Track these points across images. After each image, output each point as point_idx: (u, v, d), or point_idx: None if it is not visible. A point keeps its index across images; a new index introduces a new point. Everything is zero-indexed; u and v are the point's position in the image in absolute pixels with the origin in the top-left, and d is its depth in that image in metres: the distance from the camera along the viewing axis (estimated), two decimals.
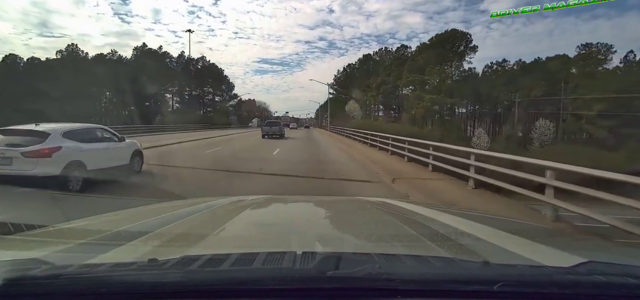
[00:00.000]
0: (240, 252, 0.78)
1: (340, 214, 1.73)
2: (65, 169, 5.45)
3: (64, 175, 5.42)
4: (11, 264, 0.69)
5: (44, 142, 5.41)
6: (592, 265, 0.75)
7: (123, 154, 7.20)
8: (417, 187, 7.15)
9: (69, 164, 5.55)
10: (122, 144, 7.31)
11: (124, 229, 1.16)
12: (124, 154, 7.24)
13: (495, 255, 0.96)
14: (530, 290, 0.64)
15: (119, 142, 7.22)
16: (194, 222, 1.37)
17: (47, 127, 5.92)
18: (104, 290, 0.62)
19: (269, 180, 7.80)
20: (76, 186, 5.58)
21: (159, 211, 1.65)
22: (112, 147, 6.95)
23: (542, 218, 4.60)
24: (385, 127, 23.34)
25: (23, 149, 5.24)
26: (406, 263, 0.76)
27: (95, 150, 6.32)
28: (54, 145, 5.46)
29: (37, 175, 5.12)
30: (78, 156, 5.79)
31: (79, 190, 5.56)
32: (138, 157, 7.77)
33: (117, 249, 0.91)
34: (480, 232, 1.20)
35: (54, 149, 5.41)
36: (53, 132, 5.65)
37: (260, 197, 2.16)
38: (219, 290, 0.63)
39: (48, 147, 5.37)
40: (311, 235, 1.23)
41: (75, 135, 6.02)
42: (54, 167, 5.32)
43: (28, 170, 5.12)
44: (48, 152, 5.34)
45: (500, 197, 5.97)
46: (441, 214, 1.66)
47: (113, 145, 7.03)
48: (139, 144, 8.18)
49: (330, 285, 0.63)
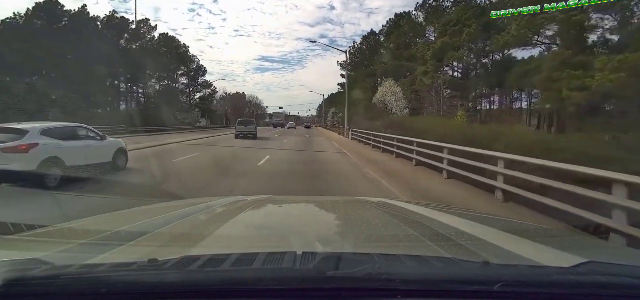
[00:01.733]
0: (240, 252, 0.78)
1: (340, 214, 1.73)
2: (41, 165, 5.66)
3: (41, 171, 5.62)
4: (11, 264, 0.69)
5: (21, 139, 5.69)
6: (592, 265, 0.75)
7: (105, 151, 7.46)
8: None
9: (45, 159, 5.76)
10: (104, 142, 7.59)
11: (124, 229, 1.16)
12: (106, 152, 7.51)
13: (495, 255, 0.96)
14: (530, 290, 0.64)
15: (101, 141, 7.51)
16: (194, 222, 1.37)
17: (28, 125, 6.25)
18: (104, 290, 0.61)
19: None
20: (53, 182, 5.76)
21: (159, 211, 1.65)
22: (92, 145, 7.21)
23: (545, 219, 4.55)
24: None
25: (2, 144, 5.51)
26: (406, 263, 0.76)
27: (74, 148, 6.53)
28: (31, 141, 5.73)
29: (14, 169, 5.35)
30: (55, 152, 6.01)
31: (57, 186, 5.71)
32: (122, 155, 8.02)
33: (117, 249, 0.91)
34: (480, 232, 1.20)
35: (31, 145, 5.68)
36: (31, 130, 5.94)
37: (260, 197, 2.16)
38: (219, 290, 0.63)
39: (25, 144, 5.66)
40: (311, 235, 1.22)
41: (54, 133, 6.28)
42: (30, 163, 5.53)
43: (6, 165, 5.34)
44: (25, 148, 5.62)
45: None
46: (441, 214, 1.65)
47: (94, 143, 7.30)
48: (123, 142, 8.38)
49: (330, 285, 0.63)
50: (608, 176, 3.67)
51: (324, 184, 7.06)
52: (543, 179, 4.56)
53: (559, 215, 4.21)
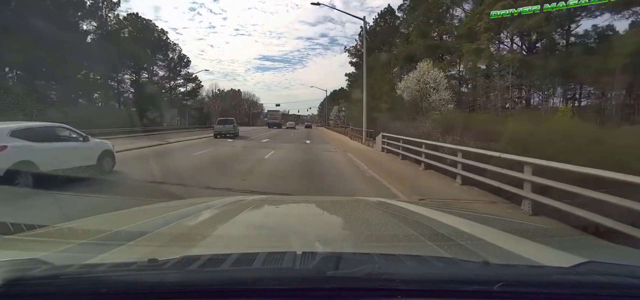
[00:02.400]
0: (240, 252, 0.78)
1: (340, 214, 1.73)
2: (11, 170, 5.23)
3: (10, 175, 5.20)
4: (11, 264, 0.69)
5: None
6: (592, 265, 0.75)
7: (88, 154, 6.93)
8: None
9: (16, 163, 5.35)
10: (88, 144, 7.05)
11: (124, 229, 1.16)
12: (90, 154, 6.98)
13: (495, 255, 0.96)
14: (530, 290, 0.64)
15: (83, 142, 6.96)
16: (194, 222, 1.37)
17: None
18: (104, 290, 0.62)
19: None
20: (25, 189, 5.29)
21: (159, 211, 1.65)
22: (73, 146, 6.65)
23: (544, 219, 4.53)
24: None
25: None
26: (406, 263, 0.76)
27: (50, 150, 6.03)
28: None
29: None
30: (28, 156, 5.57)
31: (30, 193, 5.24)
32: (108, 157, 7.47)
33: (117, 249, 0.91)
34: (480, 232, 1.20)
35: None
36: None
37: (260, 197, 2.16)
38: (219, 290, 0.63)
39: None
40: (311, 235, 1.22)
41: (26, 134, 5.80)
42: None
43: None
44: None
45: None
46: (441, 214, 1.65)
47: (75, 145, 6.74)
48: (111, 144, 7.80)
49: (330, 285, 0.63)
50: None
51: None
52: None
53: None
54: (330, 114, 61.36)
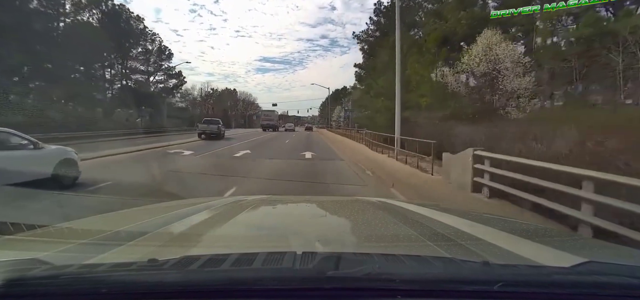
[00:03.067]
0: (240, 252, 0.78)
1: (340, 214, 1.73)
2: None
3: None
4: (11, 264, 0.69)
5: None
6: (592, 265, 0.75)
7: (40, 164, 5.67)
8: None
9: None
10: (41, 152, 5.85)
11: (124, 229, 1.16)
12: (42, 164, 5.69)
13: (495, 255, 0.96)
14: (530, 290, 0.64)
15: (34, 150, 5.75)
16: (194, 222, 1.37)
17: None
18: (104, 290, 0.62)
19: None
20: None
21: (159, 211, 1.65)
22: (19, 156, 5.44)
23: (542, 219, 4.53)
24: None
25: None
26: (406, 263, 0.76)
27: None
28: None
29: None
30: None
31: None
32: (68, 167, 6.15)
33: (117, 249, 0.91)
34: (480, 232, 1.20)
35: None
36: None
37: (260, 197, 2.16)
38: (219, 290, 0.63)
39: None
40: (311, 235, 1.22)
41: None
42: None
43: None
44: None
45: None
46: (441, 214, 1.65)
47: (22, 153, 5.53)
48: (73, 151, 6.54)
49: (330, 286, 0.63)
50: None
51: None
52: None
53: None
54: (333, 115, 57.20)
